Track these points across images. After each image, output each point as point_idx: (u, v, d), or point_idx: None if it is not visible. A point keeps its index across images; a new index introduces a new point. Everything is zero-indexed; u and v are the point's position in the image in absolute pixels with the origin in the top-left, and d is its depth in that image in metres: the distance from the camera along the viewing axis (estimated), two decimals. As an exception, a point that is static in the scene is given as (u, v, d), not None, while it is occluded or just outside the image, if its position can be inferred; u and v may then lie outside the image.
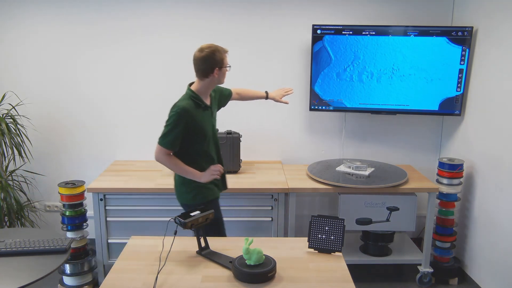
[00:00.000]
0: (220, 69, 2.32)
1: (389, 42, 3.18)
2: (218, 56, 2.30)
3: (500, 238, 2.81)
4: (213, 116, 2.46)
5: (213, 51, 2.28)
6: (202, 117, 2.34)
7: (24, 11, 3.32)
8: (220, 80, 2.38)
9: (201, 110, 2.35)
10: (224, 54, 2.34)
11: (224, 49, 2.35)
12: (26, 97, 3.45)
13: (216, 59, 2.29)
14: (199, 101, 2.34)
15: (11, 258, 1.89)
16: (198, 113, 2.32)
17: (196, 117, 2.30)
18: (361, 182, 2.93)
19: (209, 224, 2.11)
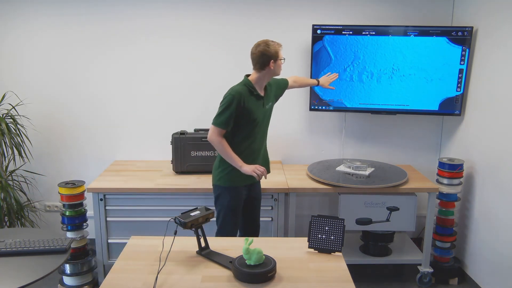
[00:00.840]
0: (275, 62, 2.50)
1: (389, 42, 3.18)
2: (273, 50, 2.49)
3: (500, 238, 2.81)
4: (265, 107, 2.59)
5: (268, 45, 2.49)
6: (254, 104, 2.52)
7: (24, 12, 3.32)
8: (276, 71, 2.55)
9: (254, 98, 2.53)
10: (278, 47, 2.52)
11: (278, 43, 2.53)
12: (26, 97, 3.45)
13: (271, 53, 2.48)
14: (252, 89, 2.52)
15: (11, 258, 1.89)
16: (251, 99, 2.51)
17: (248, 102, 2.49)
18: (361, 182, 2.93)
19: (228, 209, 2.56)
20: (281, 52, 2.54)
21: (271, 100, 2.68)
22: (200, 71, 3.44)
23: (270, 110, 2.69)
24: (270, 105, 2.67)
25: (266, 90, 2.63)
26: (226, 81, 3.46)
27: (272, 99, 2.70)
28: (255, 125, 2.55)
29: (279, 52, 2.52)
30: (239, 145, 2.56)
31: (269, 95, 2.66)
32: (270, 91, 2.68)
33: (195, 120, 3.49)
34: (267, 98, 2.62)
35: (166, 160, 3.47)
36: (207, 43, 3.39)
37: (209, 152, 3.17)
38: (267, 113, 2.65)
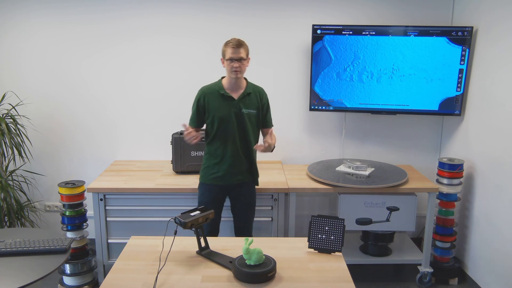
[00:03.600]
0: (225, 61, 2.51)
1: (389, 42, 3.18)
2: (223, 48, 2.52)
3: (500, 238, 2.81)
4: (238, 110, 2.56)
5: (224, 43, 2.52)
6: (219, 103, 2.55)
7: (24, 11, 3.32)
8: (227, 71, 2.53)
9: (220, 97, 2.56)
10: (227, 47, 2.49)
11: (230, 42, 2.50)
12: (26, 97, 3.45)
13: (222, 51, 2.53)
14: (219, 88, 2.57)
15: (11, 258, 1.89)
16: (216, 98, 2.56)
17: (211, 99, 2.56)
18: (361, 182, 2.93)
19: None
20: (229, 52, 2.47)
21: (252, 107, 2.60)
22: (200, 71, 3.44)
23: (250, 116, 2.60)
24: (249, 112, 2.59)
25: (249, 95, 2.59)
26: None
27: (255, 108, 2.62)
28: (220, 125, 2.55)
29: (226, 51, 2.48)
30: (209, 145, 2.65)
31: (251, 101, 2.60)
32: (255, 99, 2.62)
33: (195, 120, 3.48)
34: (244, 103, 2.58)
35: (166, 160, 3.47)
36: (207, 43, 3.39)
37: (209, 152, 3.17)
38: (242, 118, 2.58)
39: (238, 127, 2.58)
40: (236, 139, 2.59)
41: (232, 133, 2.58)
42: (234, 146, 2.59)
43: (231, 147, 2.59)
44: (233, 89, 2.58)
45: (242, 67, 2.51)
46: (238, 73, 2.50)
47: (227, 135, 2.58)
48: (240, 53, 2.47)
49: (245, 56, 2.51)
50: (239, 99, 2.57)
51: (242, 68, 2.52)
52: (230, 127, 2.57)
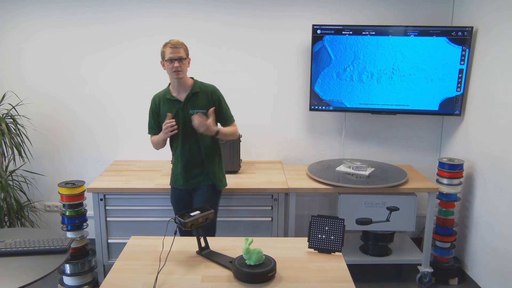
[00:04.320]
0: (164, 62, 2.48)
1: (389, 42, 3.18)
2: (161, 50, 2.49)
3: (500, 238, 2.81)
4: (185, 112, 2.52)
5: (162, 45, 2.49)
6: (168, 107, 2.54)
7: (24, 11, 3.32)
8: (168, 73, 2.50)
9: (169, 102, 2.54)
10: (165, 48, 2.46)
11: (169, 43, 2.46)
12: (26, 97, 3.45)
13: (161, 53, 2.50)
14: (165, 93, 2.57)
15: (11, 258, 1.89)
16: (166, 102, 2.55)
17: (162, 104, 2.57)
18: (361, 182, 2.93)
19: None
20: (168, 52, 2.44)
21: (200, 107, 2.53)
22: (199, 71, 3.43)
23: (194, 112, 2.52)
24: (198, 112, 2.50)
25: (196, 95, 2.53)
26: (225, 81, 3.47)
27: (204, 107, 2.53)
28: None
29: (165, 52, 2.45)
30: (171, 148, 2.67)
31: (198, 101, 2.54)
32: (203, 98, 2.55)
33: (195, 120, 3.49)
34: (191, 104, 2.53)
35: (166, 160, 3.47)
36: (207, 42, 3.39)
37: (209, 152, 3.17)
38: (190, 119, 2.49)
39: (187, 131, 2.53)
40: (187, 143, 2.56)
41: (183, 136, 2.55)
42: (186, 149, 2.57)
43: (184, 150, 2.57)
44: (179, 92, 2.54)
45: (182, 67, 2.46)
46: (179, 73, 2.46)
47: (178, 138, 2.56)
48: (180, 52, 2.44)
49: (184, 55, 2.47)
50: (185, 101, 2.52)
51: (183, 68, 2.47)
52: (180, 130, 2.53)
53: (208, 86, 2.61)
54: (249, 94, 3.47)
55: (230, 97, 3.47)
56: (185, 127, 2.54)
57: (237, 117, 3.50)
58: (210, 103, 2.56)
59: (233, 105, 3.49)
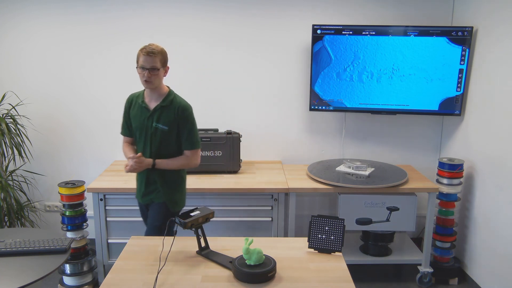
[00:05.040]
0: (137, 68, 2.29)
1: (389, 42, 3.18)
2: (137, 53, 2.29)
3: (500, 238, 2.81)
4: (150, 122, 2.34)
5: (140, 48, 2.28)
6: (137, 112, 2.41)
7: (24, 11, 3.32)
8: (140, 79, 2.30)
9: (139, 107, 2.40)
10: (141, 52, 2.25)
11: (144, 48, 2.24)
12: (26, 97, 3.45)
13: (137, 56, 2.30)
14: (139, 96, 2.42)
15: (11, 258, 1.89)
16: (136, 106, 2.42)
17: (133, 107, 2.43)
18: (361, 182, 2.93)
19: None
20: (141, 60, 2.23)
21: (164, 122, 2.33)
22: (199, 71, 3.44)
23: (162, 132, 2.34)
24: (161, 127, 2.33)
25: (164, 109, 2.33)
26: (225, 80, 3.47)
27: (167, 123, 2.33)
28: (135, 136, 2.44)
29: (139, 58, 2.25)
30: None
31: (164, 116, 2.33)
32: (171, 114, 2.33)
33: (195, 120, 3.49)
34: (157, 116, 2.33)
35: (166, 160, 3.47)
36: (207, 43, 3.39)
37: (209, 152, 3.17)
38: (155, 132, 2.34)
39: (150, 142, 2.36)
40: (148, 154, 2.38)
41: (144, 147, 2.39)
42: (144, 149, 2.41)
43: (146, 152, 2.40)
44: (151, 99, 2.37)
45: (154, 78, 2.24)
46: (149, 84, 2.26)
47: (141, 148, 2.41)
48: (153, 62, 2.21)
49: (159, 65, 2.24)
50: (153, 111, 2.34)
51: (154, 79, 2.25)
52: (143, 140, 2.39)
53: (180, 102, 2.35)
54: (249, 94, 3.47)
55: (230, 97, 3.48)
56: (149, 138, 2.37)
57: (237, 117, 3.52)
58: (175, 121, 2.33)
59: (233, 105, 3.50)
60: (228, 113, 3.51)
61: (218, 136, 3.16)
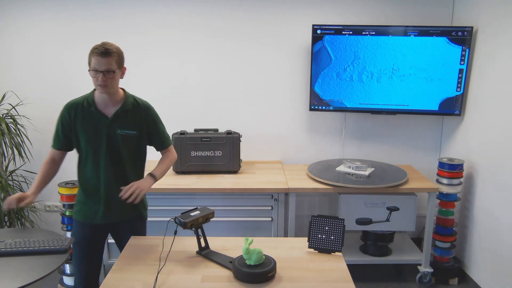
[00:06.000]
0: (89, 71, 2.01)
1: (389, 42, 3.18)
2: (89, 54, 2.01)
3: (500, 238, 2.81)
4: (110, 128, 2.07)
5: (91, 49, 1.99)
6: (88, 121, 2.07)
7: (24, 11, 3.32)
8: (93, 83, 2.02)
9: (91, 115, 2.07)
10: (92, 54, 1.98)
11: (96, 48, 1.97)
12: (26, 97, 3.45)
13: (88, 57, 2.01)
14: (88, 103, 2.08)
15: (11, 258, 1.88)
16: (86, 115, 2.07)
17: (80, 118, 2.07)
18: (361, 182, 2.93)
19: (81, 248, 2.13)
20: (93, 62, 1.96)
21: (130, 127, 2.11)
22: (200, 71, 3.44)
23: (127, 139, 2.10)
24: (127, 133, 2.10)
25: (127, 112, 2.10)
26: (225, 81, 3.47)
27: (134, 128, 2.12)
28: (88, 150, 2.08)
29: (91, 60, 1.98)
30: (79, 175, 2.16)
31: (129, 120, 2.10)
32: (135, 116, 2.12)
33: (195, 120, 3.49)
34: (120, 123, 2.08)
35: (166, 160, 3.47)
36: (207, 43, 3.39)
37: (209, 152, 3.17)
38: (117, 141, 2.08)
39: (110, 153, 2.09)
40: (109, 168, 2.10)
41: (104, 161, 2.09)
42: (108, 176, 2.10)
43: (105, 178, 2.10)
44: (106, 105, 2.07)
45: (110, 81, 1.99)
46: (105, 89, 1.99)
47: (99, 163, 2.09)
48: (108, 64, 1.95)
49: (115, 67, 1.98)
50: (113, 118, 2.07)
51: (111, 83, 1.99)
52: (102, 152, 2.08)
53: (143, 103, 2.18)
54: (249, 94, 3.47)
55: (230, 97, 3.48)
56: (110, 148, 2.08)
57: (237, 117, 3.52)
58: (143, 123, 2.15)
59: (233, 105, 3.50)
60: (228, 113, 3.51)
61: (218, 136, 3.16)
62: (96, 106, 2.08)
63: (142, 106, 2.16)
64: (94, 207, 2.15)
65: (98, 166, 2.10)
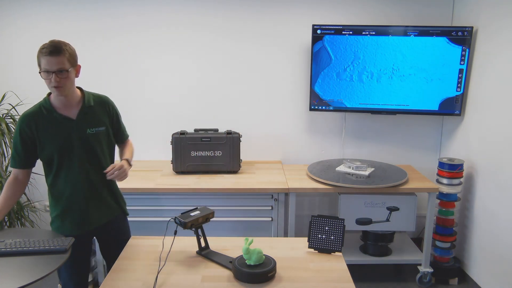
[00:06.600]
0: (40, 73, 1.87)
1: (389, 42, 3.18)
2: (37, 54, 1.88)
3: (500, 238, 2.81)
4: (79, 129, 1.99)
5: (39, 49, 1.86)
6: (52, 128, 1.95)
7: (23, 10, 3.32)
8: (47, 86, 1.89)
9: (53, 121, 1.95)
10: (41, 54, 1.85)
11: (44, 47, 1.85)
12: (26, 97, 3.45)
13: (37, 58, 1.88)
14: (47, 109, 1.95)
15: (11, 258, 1.88)
16: (49, 123, 1.94)
17: (42, 127, 1.94)
18: (361, 182, 2.93)
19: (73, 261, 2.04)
20: (43, 62, 1.84)
21: (98, 124, 2.05)
22: (200, 71, 3.44)
23: (98, 136, 2.04)
24: (97, 131, 2.04)
25: (91, 109, 2.03)
26: (225, 81, 3.47)
27: (102, 124, 2.06)
28: (61, 158, 1.98)
29: (40, 60, 1.86)
30: (52, 187, 2.05)
31: (95, 116, 2.04)
32: (101, 112, 2.07)
33: (195, 120, 3.49)
34: (87, 121, 2.01)
35: (166, 160, 3.47)
36: (207, 42, 3.39)
37: (209, 152, 3.17)
38: (88, 141, 2.01)
39: (86, 155, 2.01)
40: (87, 170, 2.03)
41: (80, 164, 2.00)
42: (86, 180, 2.04)
43: (83, 182, 2.03)
44: (66, 107, 1.96)
45: (64, 81, 1.86)
46: (60, 90, 1.87)
47: (74, 168, 2.00)
48: (60, 63, 1.83)
49: (67, 66, 1.85)
50: (78, 118, 1.98)
51: (65, 83, 1.86)
52: (76, 157, 1.99)
53: (102, 97, 2.12)
54: (249, 94, 3.47)
55: (230, 97, 3.48)
56: (83, 151, 2.00)
57: (237, 117, 3.52)
58: (109, 117, 2.10)
59: (233, 105, 3.50)
60: (228, 113, 3.51)
61: (218, 136, 3.16)
62: (56, 110, 1.95)
63: (104, 99, 2.11)
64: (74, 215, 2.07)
65: (74, 171, 2.01)
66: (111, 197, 2.17)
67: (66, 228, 2.08)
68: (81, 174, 2.03)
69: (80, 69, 1.99)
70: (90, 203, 2.08)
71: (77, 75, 1.97)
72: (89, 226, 2.10)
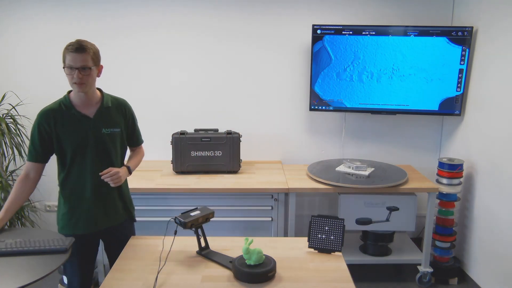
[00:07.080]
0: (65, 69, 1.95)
1: (389, 42, 3.18)
2: (63, 52, 1.95)
3: (500, 237, 2.81)
4: (95, 128, 2.03)
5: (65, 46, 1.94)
6: (70, 125, 2.00)
7: (24, 10, 3.32)
8: (69, 83, 1.96)
9: (72, 118, 2.00)
10: (66, 51, 1.92)
11: (71, 44, 1.92)
12: (26, 97, 3.45)
13: (62, 55, 1.96)
14: (66, 106, 2.01)
15: (11, 258, 1.88)
16: (67, 120, 2.00)
17: (61, 123, 1.99)
18: (361, 182, 2.93)
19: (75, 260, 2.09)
20: (68, 59, 1.90)
21: (114, 125, 2.09)
22: (200, 71, 3.44)
23: (113, 137, 2.08)
24: (112, 132, 2.08)
25: (108, 110, 2.08)
26: (225, 81, 3.47)
27: (118, 125, 2.11)
28: (75, 155, 2.02)
29: (66, 57, 1.92)
30: (63, 184, 2.08)
31: (111, 118, 2.08)
32: (117, 114, 2.12)
33: (195, 120, 3.49)
34: (104, 121, 2.05)
35: (166, 160, 3.47)
36: (207, 42, 3.39)
37: (209, 152, 3.17)
38: (103, 141, 2.05)
39: (99, 154, 2.05)
40: (99, 169, 2.04)
41: (92, 163, 2.04)
42: (97, 180, 2.05)
43: (93, 182, 2.05)
44: (85, 106, 2.02)
45: (86, 79, 1.93)
46: (82, 87, 1.94)
47: (85, 166, 2.04)
48: (84, 60, 1.90)
49: (90, 64, 1.93)
50: (95, 117, 2.03)
51: (87, 80, 1.94)
52: (89, 155, 2.03)
53: (120, 99, 2.17)
54: (249, 94, 3.48)
55: (230, 97, 3.48)
56: (97, 150, 2.04)
57: (237, 117, 3.52)
58: (125, 120, 2.16)
59: (233, 105, 3.50)
60: (228, 113, 3.51)
61: (218, 136, 3.16)
62: (75, 107, 2.02)
63: (122, 102, 2.17)
64: (82, 214, 2.08)
65: (85, 170, 2.04)
66: (120, 200, 2.19)
67: (72, 227, 2.10)
68: (92, 173, 2.05)
69: (102, 69, 2.05)
70: (98, 203, 2.10)
71: (99, 75, 2.03)
72: (95, 227, 2.12)
